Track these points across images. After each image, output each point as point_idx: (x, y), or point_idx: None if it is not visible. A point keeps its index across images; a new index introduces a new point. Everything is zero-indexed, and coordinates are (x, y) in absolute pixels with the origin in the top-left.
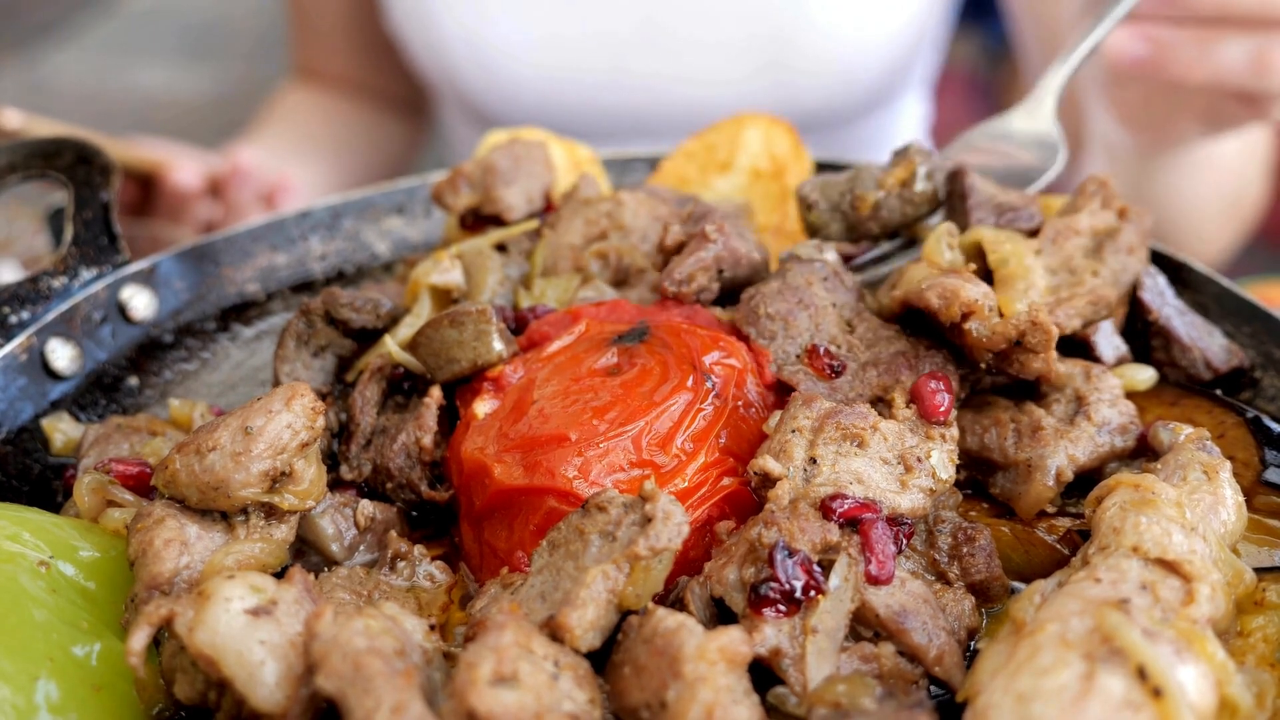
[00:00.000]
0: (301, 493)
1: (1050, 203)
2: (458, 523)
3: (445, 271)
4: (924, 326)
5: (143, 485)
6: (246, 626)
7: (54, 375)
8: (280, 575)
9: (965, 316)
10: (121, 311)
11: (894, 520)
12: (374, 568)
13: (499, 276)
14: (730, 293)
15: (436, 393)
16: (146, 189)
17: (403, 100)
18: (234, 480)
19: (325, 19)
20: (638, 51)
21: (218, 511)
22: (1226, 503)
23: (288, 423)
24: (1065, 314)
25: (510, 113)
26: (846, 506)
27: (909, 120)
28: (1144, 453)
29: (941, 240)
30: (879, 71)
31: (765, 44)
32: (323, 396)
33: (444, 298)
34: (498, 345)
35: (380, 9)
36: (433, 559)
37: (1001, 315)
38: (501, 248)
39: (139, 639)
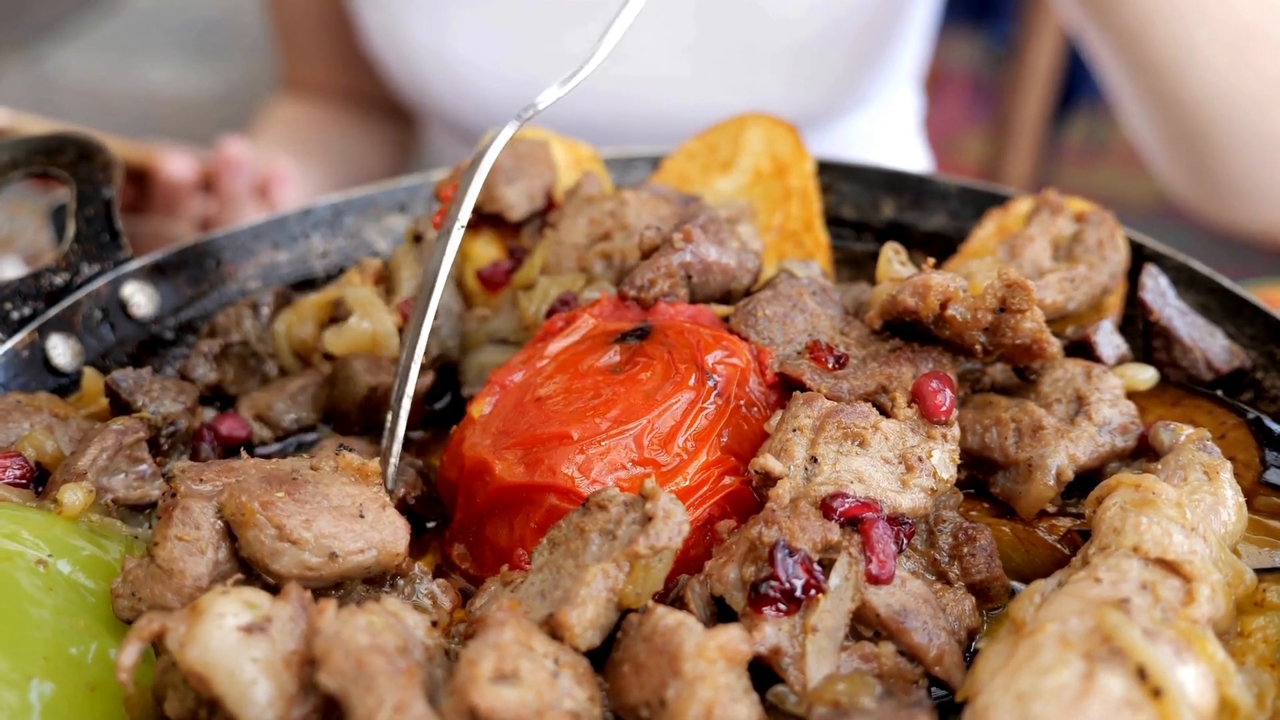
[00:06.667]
0: None
1: (1018, 209)
2: (447, 535)
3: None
4: (911, 334)
5: (21, 479)
6: (239, 644)
7: (55, 371)
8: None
9: (944, 305)
10: (123, 308)
11: (895, 520)
12: (370, 585)
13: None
14: (720, 299)
15: None
16: (140, 185)
17: (392, 105)
18: None
19: (306, 30)
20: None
21: None
22: (1227, 503)
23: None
24: (1042, 291)
25: (483, 125)
26: (847, 505)
27: (902, 114)
28: (1145, 453)
29: (891, 259)
30: (839, 56)
31: (722, 39)
32: None
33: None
34: None
35: (355, 26)
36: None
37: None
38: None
39: (129, 654)
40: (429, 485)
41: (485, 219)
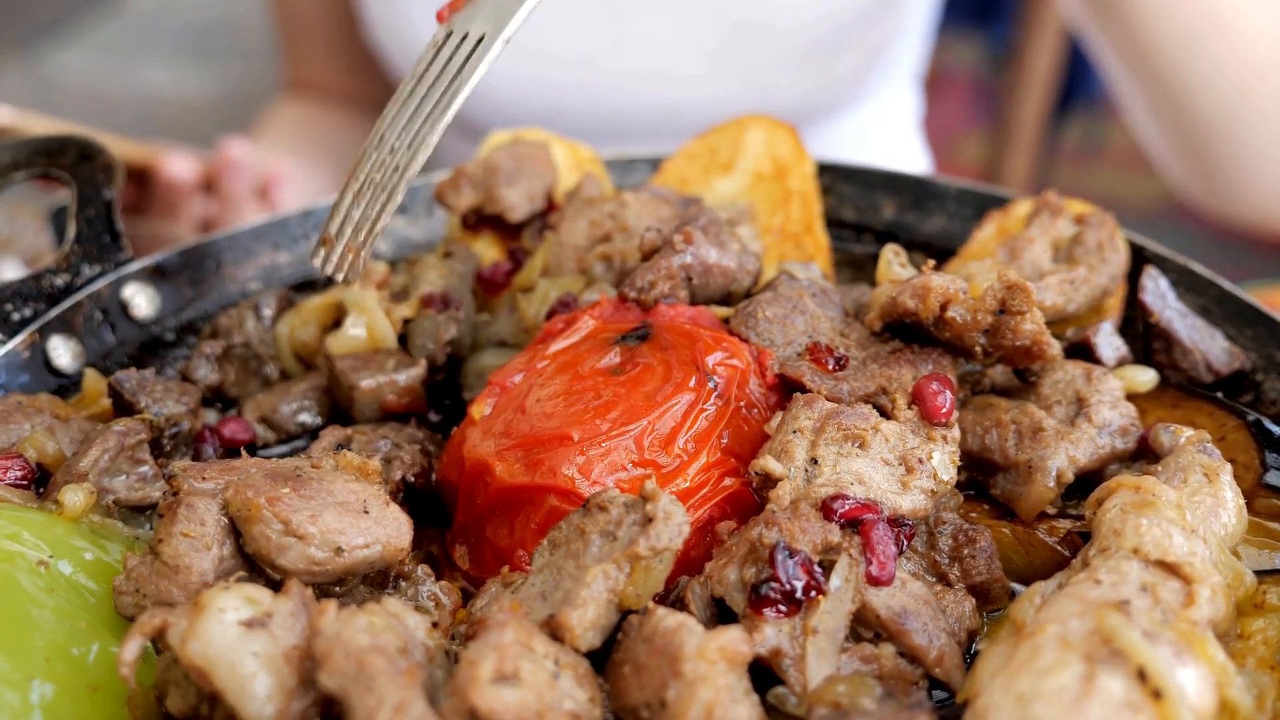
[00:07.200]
0: None
1: (1018, 211)
2: (448, 537)
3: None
4: (911, 336)
5: (23, 480)
6: (240, 638)
7: (56, 373)
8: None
9: (944, 307)
10: (124, 310)
11: (895, 521)
12: (374, 587)
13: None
14: (721, 300)
15: None
16: (141, 185)
17: None
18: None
19: (311, 31)
20: (608, 53)
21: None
22: (1227, 505)
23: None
24: (1042, 293)
25: (489, 121)
26: (847, 507)
27: (900, 113)
28: (1145, 455)
29: (891, 261)
30: (844, 51)
31: (729, 35)
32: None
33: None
34: None
35: (360, 22)
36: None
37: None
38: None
39: (131, 649)
40: (430, 460)
41: (486, 220)
